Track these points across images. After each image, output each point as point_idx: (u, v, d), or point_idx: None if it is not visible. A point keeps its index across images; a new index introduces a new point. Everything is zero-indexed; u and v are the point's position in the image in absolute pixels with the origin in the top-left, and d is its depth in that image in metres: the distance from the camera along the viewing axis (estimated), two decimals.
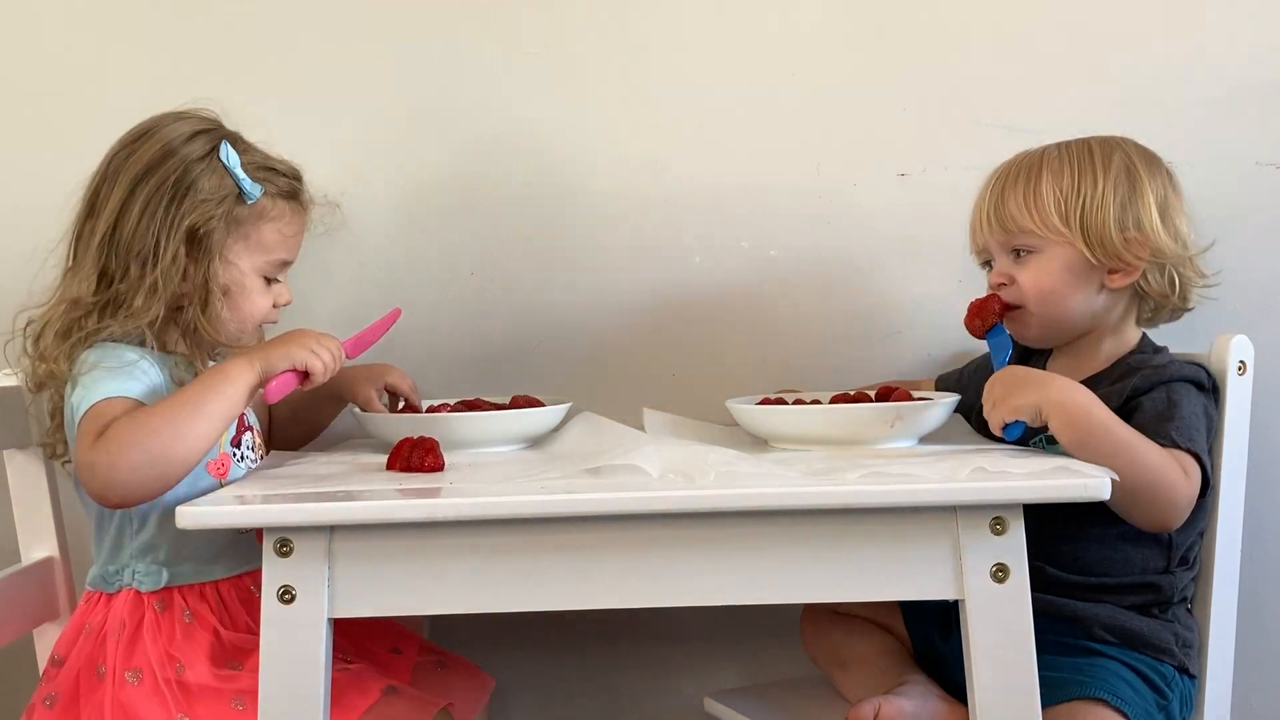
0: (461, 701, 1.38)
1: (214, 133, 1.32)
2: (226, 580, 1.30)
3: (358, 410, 1.43)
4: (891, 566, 1.06)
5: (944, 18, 1.61)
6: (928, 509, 1.05)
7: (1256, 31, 1.58)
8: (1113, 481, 1.04)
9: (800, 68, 1.62)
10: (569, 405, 1.43)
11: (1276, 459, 1.56)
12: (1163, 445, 1.19)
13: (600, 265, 1.64)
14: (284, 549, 1.05)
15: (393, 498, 1.07)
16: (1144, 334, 1.36)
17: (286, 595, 1.05)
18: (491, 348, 1.65)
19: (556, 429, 1.43)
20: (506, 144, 1.64)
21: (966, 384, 1.49)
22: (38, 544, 1.37)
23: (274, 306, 1.36)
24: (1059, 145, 1.35)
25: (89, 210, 1.30)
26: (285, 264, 1.37)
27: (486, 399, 1.47)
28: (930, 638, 1.37)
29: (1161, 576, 1.28)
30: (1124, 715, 1.19)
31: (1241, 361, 1.29)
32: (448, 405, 1.46)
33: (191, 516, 1.03)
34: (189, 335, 1.29)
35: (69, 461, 1.29)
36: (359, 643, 1.36)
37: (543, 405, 1.41)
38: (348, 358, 1.31)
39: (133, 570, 1.27)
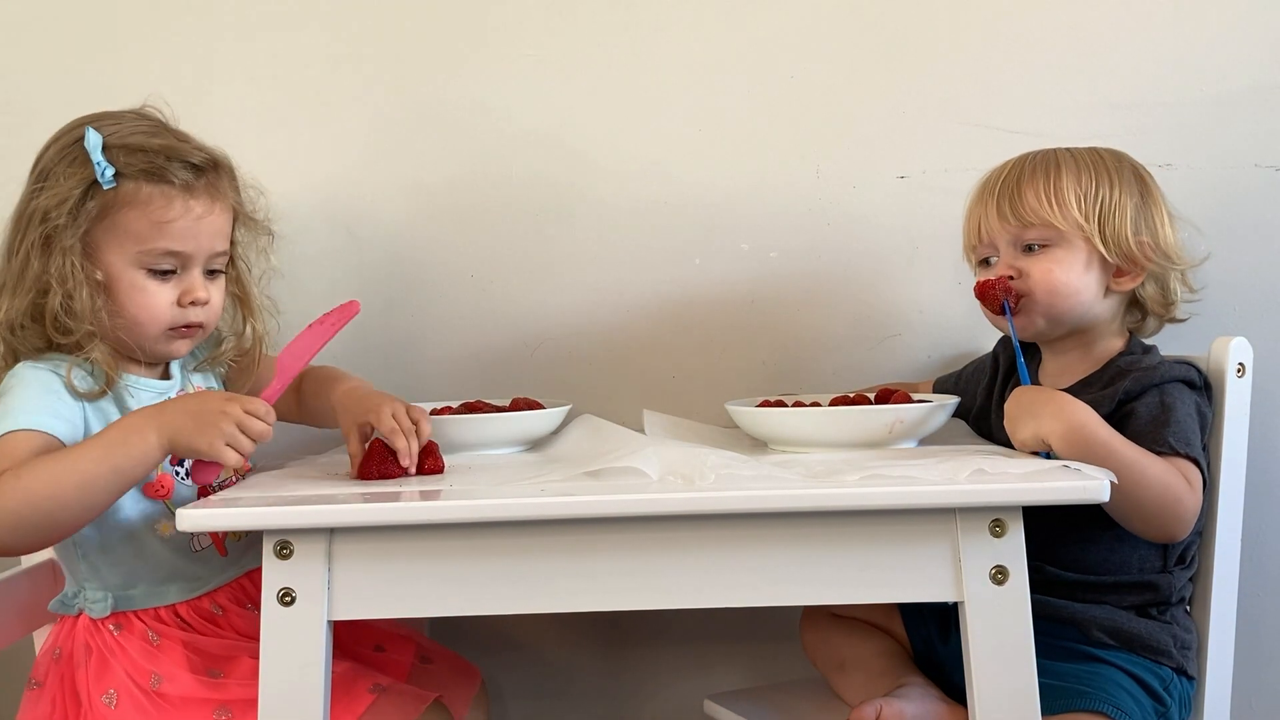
0: (451, 694, 1.37)
1: (107, 120, 1.24)
2: (184, 603, 1.27)
3: None
4: (891, 568, 1.06)
5: (943, 19, 1.61)
6: (927, 511, 1.05)
7: (1255, 33, 1.58)
8: (1118, 497, 1.05)
9: (800, 69, 1.62)
10: (569, 408, 1.43)
11: (1275, 460, 1.56)
12: (1161, 453, 1.20)
13: (600, 267, 1.64)
14: (284, 551, 1.05)
15: (393, 500, 1.07)
16: (1131, 334, 1.37)
17: (286, 598, 1.05)
18: (491, 350, 1.65)
19: (556, 431, 1.44)
20: (506, 146, 1.64)
21: (964, 387, 1.49)
22: None
23: (182, 305, 1.24)
24: (1067, 149, 1.35)
25: None
26: (173, 254, 1.23)
27: (487, 401, 1.48)
28: (929, 640, 1.37)
29: (1159, 576, 1.28)
30: None
31: (1240, 363, 1.29)
32: (449, 408, 1.46)
33: (192, 520, 1.03)
34: (64, 336, 1.21)
35: None
36: (343, 644, 1.35)
37: (543, 408, 1.41)
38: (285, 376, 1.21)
39: (84, 596, 1.26)
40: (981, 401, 1.44)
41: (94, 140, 1.21)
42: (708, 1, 1.62)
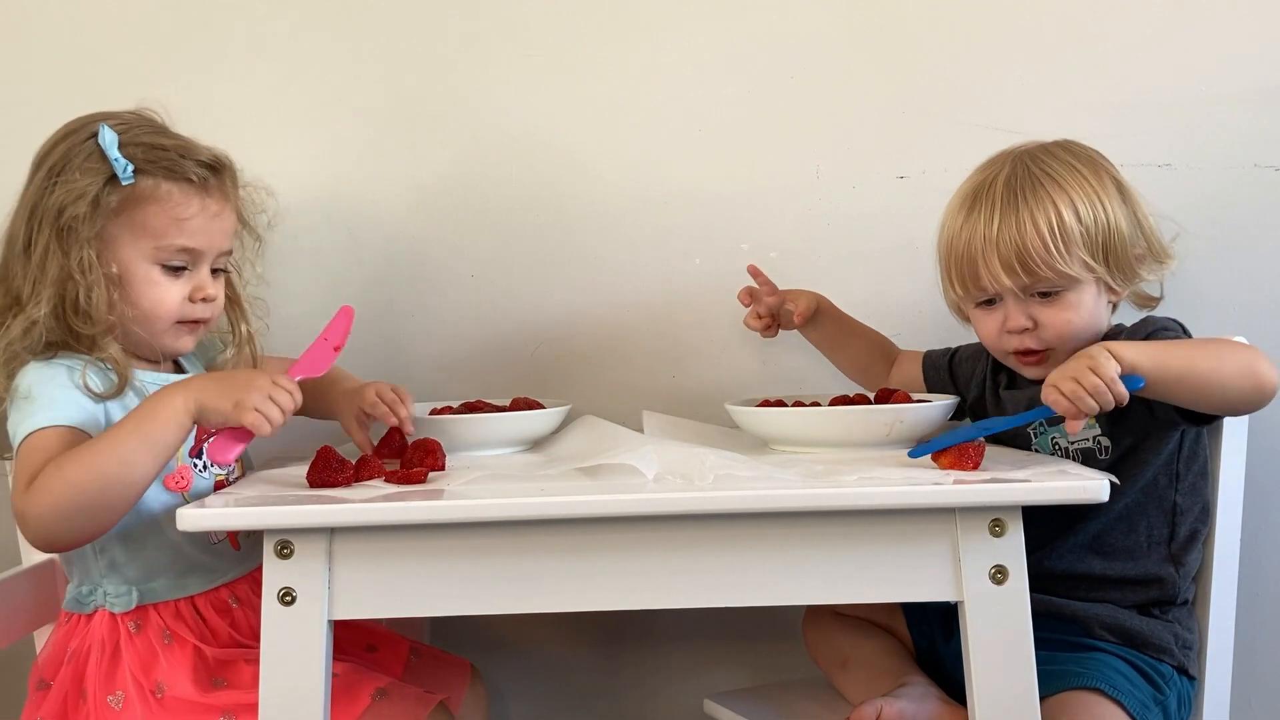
0: (448, 690, 1.37)
1: (113, 120, 1.25)
2: (202, 595, 1.27)
3: None
4: (890, 568, 1.07)
5: (943, 20, 1.61)
6: (927, 511, 1.05)
7: (1255, 34, 1.58)
8: (1207, 384, 1.10)
9: (800, 70, 1.62)
10: (569, 408, 1.43)
11: (1275, 460, 1.56)
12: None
13: (600, 267, 1.64)
14: (285, 551, 1.05)
15: (393, 500, 1.07)
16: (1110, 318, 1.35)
17: (287, 597, 1.05)
18: (492, 350, 1.65)
19: (556, 431, 1.44)
20: (506, 145, 1.64)
21: (959, 366, 1.47)
22: None
23: (193, 300, 1.26)
24: (1041, 163, 1.29)
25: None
26: (187, 251, 1.25)
27: (487, 401, 1.48)
28: (932, 638, 1.37)
29: (1160, 577, 1.28)
30: (1120, 705, 1.19)
31: None
32: (449, 408, 1.46)
33: (193, 519, 1.03)
34: (87, 327, 1.21)
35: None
36: (338, 645, 1.34)
37: (543, 408, 1.42)
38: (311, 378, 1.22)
39: (104, 591, 1.25)
40: (976, 392, 1.43)
41: (110, 138, 1.23)
42: (708, 2, 1.62)
